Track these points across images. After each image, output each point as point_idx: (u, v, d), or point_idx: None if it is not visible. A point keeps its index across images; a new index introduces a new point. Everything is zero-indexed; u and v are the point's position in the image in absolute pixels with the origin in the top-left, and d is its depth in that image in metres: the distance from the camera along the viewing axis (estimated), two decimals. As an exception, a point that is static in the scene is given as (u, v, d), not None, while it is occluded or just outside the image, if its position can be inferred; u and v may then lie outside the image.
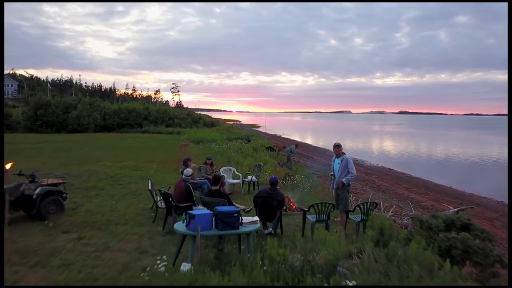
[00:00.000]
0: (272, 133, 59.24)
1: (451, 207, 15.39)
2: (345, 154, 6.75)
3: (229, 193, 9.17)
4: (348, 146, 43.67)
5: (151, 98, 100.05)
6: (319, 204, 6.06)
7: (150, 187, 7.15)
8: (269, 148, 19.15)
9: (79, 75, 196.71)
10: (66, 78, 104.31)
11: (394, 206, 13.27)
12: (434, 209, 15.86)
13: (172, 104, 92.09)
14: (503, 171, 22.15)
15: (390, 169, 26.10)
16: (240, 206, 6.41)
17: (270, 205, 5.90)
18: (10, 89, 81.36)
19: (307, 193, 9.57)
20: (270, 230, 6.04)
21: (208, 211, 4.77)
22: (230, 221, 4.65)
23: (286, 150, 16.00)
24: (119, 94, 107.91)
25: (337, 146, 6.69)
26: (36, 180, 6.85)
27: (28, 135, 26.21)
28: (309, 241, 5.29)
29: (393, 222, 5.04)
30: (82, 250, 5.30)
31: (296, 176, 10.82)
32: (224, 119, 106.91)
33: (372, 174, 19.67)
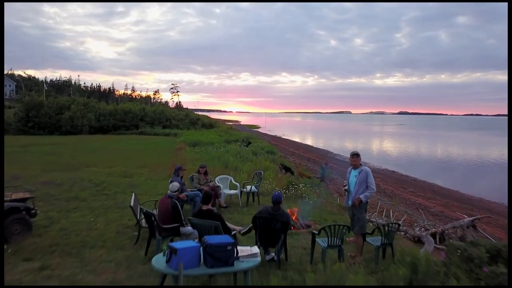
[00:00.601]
0: (272, 134, 58.38)
1: (466, 216, 14.39)
2: (363, 165, 5.57)
3: (225, 206, 8.16)
4: (349, 147, 42.89)
5: (150, 98, 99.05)
6: (332, 226, 5.04)
7: (132, 203, 6.10)
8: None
9: (78, 76, 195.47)
10: (64, 79, 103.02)
11: (405, 215, 12.31)
12: (444, 216, 14.93)
13: (171, 104, 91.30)
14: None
15: (393, 171, 25.16)
16: (236, 227, 5.39)
17: (272, 228, 4.89)
18: (7, 89, 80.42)
19: (313, 204, 8.53)
20: (273, 255, 5.10)
21: (193, 244, 3.75)
22: (222, 256, 3.64)
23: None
24: (118, 94, 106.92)
25: (355, 155, 5.49)
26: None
27: (18, 137, 25.13)
28: (319, 271, 4.37)
29: (429, 255, 4.02)
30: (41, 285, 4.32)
31: (300, 185, 9.72)
32: (223, 120, 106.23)
33: (375, 177, 18.52)
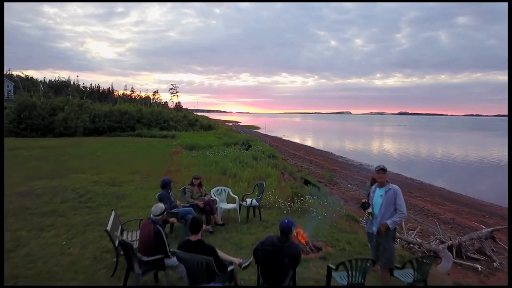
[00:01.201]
0: (272, 134, 57.40)
1: (477, 223, 13.37)
2: (390, 183, 4.48)
3: (221, 223, 7.12)
4: (350, 148, 41.91)
5: (150, 99, 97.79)
6: (353, 260, 4.00)
7: (110, 226, 5.01)
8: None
9: (77, 76, 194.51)
10: (63, 79, 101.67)
11: (418, 227, 11.29)
12: (456, 223, 13.91)
13: (171, 105, 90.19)
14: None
15: (398, 174, 24.15)
16: (234, 259, 4.36)
17: (278, 263, 3.86)
18: (5, 90, 79.52)
19: (322, 220, 7.49)
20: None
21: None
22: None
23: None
24: (117, 95, 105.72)
25: (381, 171, 4.46)
26: None
27: (8, 140, 23.97)
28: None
29: None
30: None
31: (306, 197, 8.61)
32: (223, 120, 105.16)
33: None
